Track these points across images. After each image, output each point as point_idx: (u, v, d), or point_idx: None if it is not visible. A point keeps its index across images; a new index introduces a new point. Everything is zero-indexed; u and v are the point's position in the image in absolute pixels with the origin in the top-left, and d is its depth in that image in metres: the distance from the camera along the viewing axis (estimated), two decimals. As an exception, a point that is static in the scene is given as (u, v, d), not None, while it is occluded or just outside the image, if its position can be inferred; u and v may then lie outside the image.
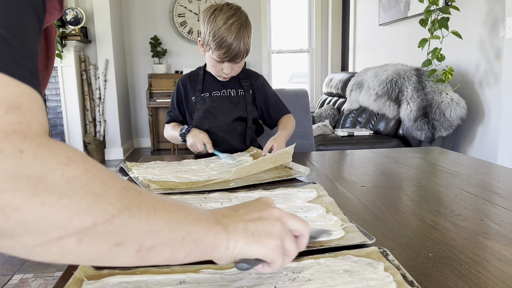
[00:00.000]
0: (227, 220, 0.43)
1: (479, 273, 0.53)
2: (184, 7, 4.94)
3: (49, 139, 0.32)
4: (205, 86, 1.41)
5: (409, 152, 1.35)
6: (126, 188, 0.35)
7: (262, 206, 0.47)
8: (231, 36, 1.21)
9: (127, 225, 0.34)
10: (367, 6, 4.18)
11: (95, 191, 0.32)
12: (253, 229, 0.43)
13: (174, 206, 0.39)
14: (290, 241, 0.45)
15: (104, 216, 0.32)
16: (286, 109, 1.47)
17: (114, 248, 0.34)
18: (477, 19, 2.53)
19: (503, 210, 0.76)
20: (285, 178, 1.00)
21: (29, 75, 0.32)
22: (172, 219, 0.37)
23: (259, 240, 0.43)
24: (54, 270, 1.98)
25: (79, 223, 0.31)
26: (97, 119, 4.35)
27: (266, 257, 0.44)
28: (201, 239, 0.39)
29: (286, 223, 0.46)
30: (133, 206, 0.34)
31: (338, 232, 0.63)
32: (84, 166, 0.32)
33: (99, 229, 0.32)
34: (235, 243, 0.42)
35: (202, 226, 0.40)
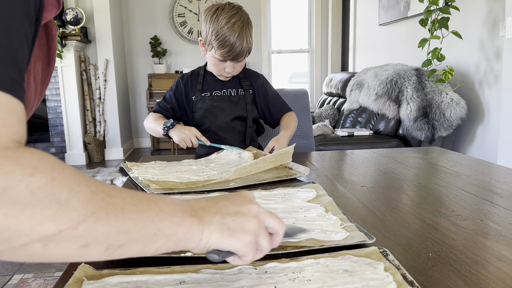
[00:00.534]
0: (204, 212, 0.44)
1: (479, 273, 0.53)
2: (184, 7, 4.94)
3: (16, 150, 0.33)
4: (205, 86, 1.41)
5: (409, 152, 1.35)
6: (95, 192, 0.35)
7: (242, 201, 0.47)
8: (234, 35, 1.22)
9: (94, 229, 0.35)
10: (367, 6, 4.18)
11: (60, 199, 0.33)
12: (229, 223, 0.44)
13: (146, 204, 0.39)
14: (264, 238, 0.46)
15: (69, 223, 0.33)
16: (287, 107, 1.46)
17: (81, 249, 0.35)
18: (477, 19, 2.53)
19: (503, 210, 0.76)
20: (285, 178, 1.00)
21: (10, 83, 0.34)
22: (142, 217, 0.38)
23: (233, 234, 0.44)
24: (54, 270, 1.98)
25: (43, 231, 0.32)
26: (97, 119, 4.35)
27: (238, 251, 0.45)
28: (174, 233, 0.40)
29: (263, 220, 0.47)
30: (100, 210, 0.35)
31: (341, 234, 0.63)
32: (50, 175, 0.33)
33: (64, 235, 0.33)
34: (209, 235, 0.43)
35: (175, 221, 0.41)
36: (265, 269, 0.52)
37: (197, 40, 5.00)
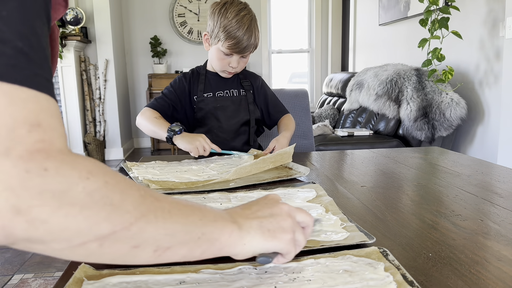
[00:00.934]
0: (242, 219, 0.47)
1: (479, 273, 0.53)
2: (184, 7, 4.94)
3: (70, 154, 0.35)
4: (207, 86, 1.39)
5: (409, 152, 1.35)
6: (144, 196, 0.38)
7: (272, 203, 0.51)
8: (243, 27, 1.22)
9: (144, 231, 0.37)
10: (367, 6, 4.18)
11: (113, 201, 0.35)
12: (267, 225, 0.47)
13: (190, 209, 0.42)
14: (299, 233, 0.50)
15: (122, 224, 0.35)
16: (285, 109, 1.47)
17: (133, 249, 0.37)
18: (477, 19, 2.53)
19: (503, 210, 0.76)
20: (285, 178, 1.00)
21: (45, 83, 0.34)
22: (187, 221, 0.40)
23: (275, 235, 0.47)
24: (54, 270, 1.98)
25: (99, 231, 0.34)
26: (97, 119, 4.35)
27: (282, 250, 0.48)
28: (217, 238, 0.43)
29: (295, 217, 0.50)
30: (150, 213, 0.37)
31: (342, 234, 0.63)
32: (103, 179, 0.35)
33: (118, 235, 0.36)
34: (251, 239, 0.45)
35: (217, 226, 0.43)
36: (265, 269, 0.52)
37: (197, 40, 5.00)
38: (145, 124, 1.30)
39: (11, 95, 0.31)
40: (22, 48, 0.32)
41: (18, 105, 0.31)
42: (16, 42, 0.32)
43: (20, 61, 0.32)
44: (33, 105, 0.32)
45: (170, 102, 1.36)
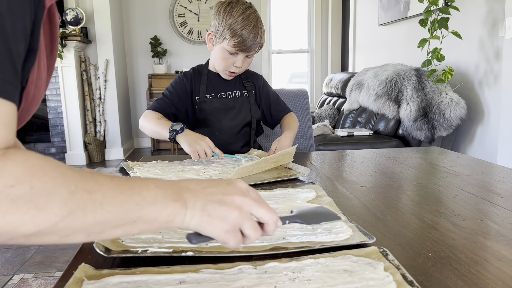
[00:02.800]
0: (190, 196, 0.46)
1: (479, 273, 0.53)
2: (184, 7, 4.94)
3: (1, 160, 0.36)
4: (209, 87, 1.37)
5: (409, 152, 1.35)
6: (73, 192, 0.39)
7: (229, 190, 0.48)
8: (250, 26, 1.21)
9: (72, 225, 0.39)
10: (367, 6, 4.18)
11: (38, 204, 0.37)
12: (210, 210, 0.46)
13: (128, 194, 0.43)
14: (248, 227, 0.47)
15: (48, 223, 0.38)
16: (287, 108, 1.45)
17: (63, 238, 0.40)
18: (477, 19, 2.53)
19: (503, 210, 0.76)
20: (285, 179, 1.00)
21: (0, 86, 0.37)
22: (122, 209, 0.42)
23: (211, 222, 0.46)
24: (54, 270, 1.98)
25: (24, 231, 0.37)
26: (97, 119, 4.35)
27: (216, 238, 0.47)
28: (154, 219, 0.44)
29: (248, 211, 0.48)
30: (78, 209, 0.39)
31: (342, 234, 0.63)
32: (29, 184, 0.37)
33: (44, 232, 0.38)
34: (190, 218, 0.46)
35: (155, 208, 0.44)
36: (265, 269, 0.52)
37: (197, 40, 5.00)
38: (147, 126, 1.28)
39: None
40: None
41: None
42: None
43: None
44: None
45: (171, 103, 1.34)
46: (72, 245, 2.27)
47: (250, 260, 0.56)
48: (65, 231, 0.39)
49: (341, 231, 0.64)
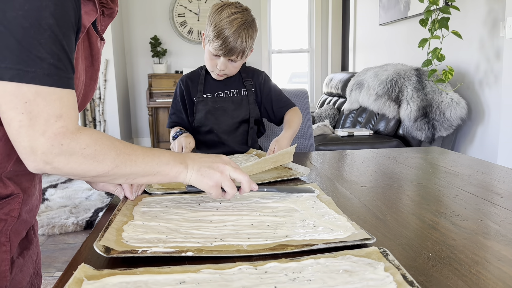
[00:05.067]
0: (190, 161, 0.71)
1: (479, 273, 0.53)
2: (184, 7, 4.94)
3: (78, 133, 0.59)
4: (207, 86, 1.38)
5: (409, 152, 1.35)
6: (119, 154, 0.63)
7: (217, 161, 0.73)
8: (230, 30, 1.20)
9: (118, 173, 0.64)
10: (367, 6, 4.18)
11: (98, 159, 0.61)
12: (202, 171, 0.71)
13: (151, 157, 0.67)
14: (226, 185, 0.71)
15: (103, 171, 0.62)
16: (290, 102, 1.42)
17: (112, 180, 0.66)
18: (477, 19, 2.53)
19: (503, 210, 0.76)
20: (285, 178, 1.00)
21: (67, 81, 0.58)
22: (147, 165, 0.66)
23: (202, 179, 0.71)
24: (54, 270, 1.98)
25: (91, 174, 0.62)
26: (97, 119, 4.35)
27: (204, 190, 0.72)
28: (167, 173, 0.69)
29: (227, 174, 0.72)
30: (121, 164, 0.63)
31: (345, 232, 0.63)
32: (94, 148, 0.60)
33: (102, 175, 0.63)
34: (190, 175, 0.70)
35: (168, 167, 0.69)
36: (265, 269, 0.52)
37: (197, 40, 5.00)
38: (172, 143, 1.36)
39: (47, 97, 0.55)
40: (53, 62, 0.55)
41: (50, 104, 0.56)
42: (49, 59, 0.55)
43: (52, 71, 0.55)
44: (59, 103, 0.57)
45: (179, 114, 1.42)
46: (72, 245, 2.27)
47: (250, 260, 0.56)
48: (113, 176, 0.64)
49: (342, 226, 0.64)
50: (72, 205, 2.80)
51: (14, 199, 0.64)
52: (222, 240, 0.61)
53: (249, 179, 0.73)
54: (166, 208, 0.77)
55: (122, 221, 0.69)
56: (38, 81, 0.54)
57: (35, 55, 0.53)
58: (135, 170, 0.65)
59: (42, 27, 0.53)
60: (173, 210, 0.75)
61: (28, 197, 0.68)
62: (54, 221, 2.50)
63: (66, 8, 0.56)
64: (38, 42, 0.53)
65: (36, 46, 0.53)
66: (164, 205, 0.79)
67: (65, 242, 2.31)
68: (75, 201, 2.89)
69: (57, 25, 0.55)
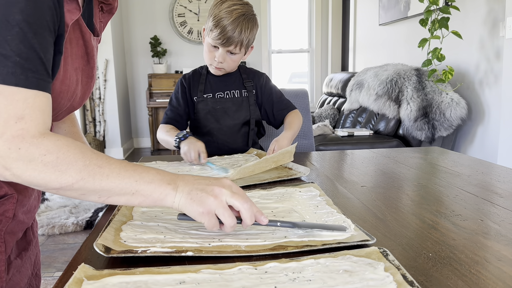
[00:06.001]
0: (182, 183, 0.60)
1: (479, 273, 0.53)
2: (184, 7, 4.94)
3: (39, 137, 0.53)
4: (207, 86, 1.37)
5: (409, 152, 1.35)
6: (87, 165, 0.55)
7: (214, 183, 0.60)
8: (229, 19, 1.21)
9: (85, 187, 0.55)
10: (367, 6, 4.18)
11: (61, 169, 0.54)
12: (193, 195, 0.58)
13: (130, 173, 0.57)
14: (221, 213, 0.58)
15: (66, 183, 0.54)
16: (291, 105, 1.42)
17: (81, 196, 0.57)
18: (477, 19, 2.53)
19: (503, 210, 0.76)
20: (285, 178, 1.00)
21: (37, 82, 0.53)
22: (123, 182, 0.56)
23: (192, 204, 0.58)
24: (54, 270, 1.98)
25: (52, 186, 0.55)
26: (97, 119, 4.35)
27: (195, 218, 0.59)
28: (150, 194, 0.58)
29: (224, 200, 0.59)
30: (89, 177, 0.55)
31: (345, 232, 0.63)
32: (56, 155, 0.54)
33: (66, 189, 0.55)
34: (178, 199, 0.59)
35: (150, 186, 0.58)
36: (265, 269, 0.52)
37: (197, 40, 5.00)
38: (161, 139, 1.33)
39: (9, 97, 0.51)
40: (19, 61, 0.51)
41: (12, 105, 0.52)
42: (15, 58, 0.51)
43: (17, 70, 0.51)
44: (22, 103, 0.52)
45: (177, 111, 1.37)
46: (72, 245, 2.27)
47: (250, 260, 0.56)
48: (81, 191, 0.55)
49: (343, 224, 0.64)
50: (72, 205, 2.80)
51: (8, 200, 0.63)
52: (220, 240, 0.61)
53: (251, 208, 0.59)
54: (166, 208, 0.77)
55: (121, 221, 0.68)
56: (0, 80, 0.51)
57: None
58: (107, 185, 0.55)
59: (9, 23, 0.51)
60: (172, 210, 0.75)
61: (25, 197, 0.67)
62: (54, 221, 2.50)
63: (39, 5, 0.53)
64: (4, 38, 0.50)
65: (1, 43, 0.50)
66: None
67: (65, 242, 2.31)
68: (75, 201, 2.89)
69: (27, 22, 0.51)
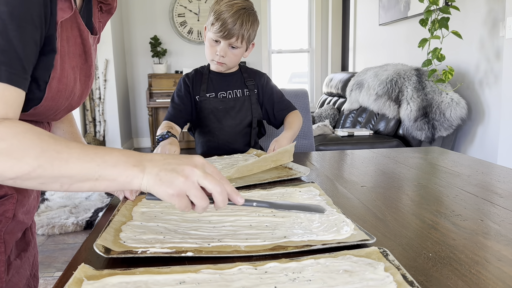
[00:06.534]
0: (149, 164, 0.55)
1: (479, 273, 0.53)
2: (184, 7, 4.94)
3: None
4: (210, 86, 1.37)
5: (409, 152, 1.35)
6: (45, 151, 0.51)
7: (185, 162, 0.55)
8: (230, 12, 1.22)
9: (43, 175, 0.51)
10: (367, 6, 4.18)
11: (16, 157, 0.50)
12: (161, 176, 0.54)
13: (91, 157, 0.53)
14: (193, 195, 0.54)
15: (23, 171, 0.51)
16: (291, 105, 1.43)
17: (42, 185, 0.53)
18: (477, 19, 2.53)
19: (503, 210, 0.76)
20: (285, 178, 1.00)
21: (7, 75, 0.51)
22: (84, 167, 0.52)
23: (161, 185, 0.53)
24: (54, 270, 1.98)
25: (8, 175, 0.51)
26: (97, 119, 4.35)
27: (165, 200, 0.54)
28: (115, 178, 0.53)
29: (195, 180, 0.54)
30: (47, 163, 0.51)
31: (345, 232, 0.63)
32: (11, 142, 0.50)
33: (24, 178, 0.51)
34: (146, 181, 0.54)
35: (115, 170, 0.53)
36: (265, 269, 0.52)
37: (197, 40, 5.00)
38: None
39: None
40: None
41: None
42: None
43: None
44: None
45: (179, 108, 1.36)
46: (72, 245, 2.26)
47: (250, 260, 0.56)
48: (40, 179, 0.52)
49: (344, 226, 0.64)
50: (72, 205, 2.80)
51: (8, 200, 0.63)
52: (219, 240, 0.61)
53: (224, 190, 0.55)
54: (165, 208, 0.77)
55: (121, 221, 0.68)
56: None
57: None
58: (67, 172, 0.52)
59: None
60: (172, 211, 0.75)
61: (24, 198, 0.67)
62: (54, 221, 2.50)
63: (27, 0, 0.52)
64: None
65: None
66: (163, 205, 0.79)
67: (65, 242, 2.31)
68: (75, 201, 2.89)
69: (10, 14, 0.50)
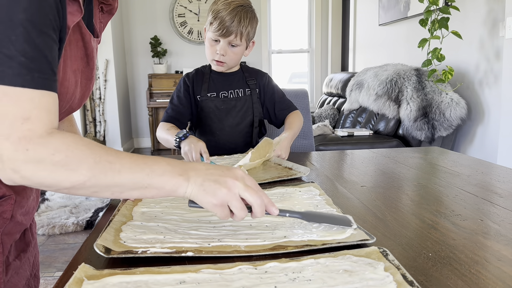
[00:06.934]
0: (193, 173, 0.59)
1: (479, 273, 0.53)
2: (184, 7, 4.94)
3: (47, 137, 0.52)
4: (211, 85, 1.37)
5: (409, 152, 1.35)
6: (98, 162, 0.54)
7: (227, 174, 0.59)
8: (227, 10, 1.23)
9: (97, 184, 0.54)
10: (367, 6, 4.18)
11: (71, 168, 0.53)
12: (205, 186, 0.58)
13: (141, 167, 0.56)
14: (234, 206, 0.58)
15: (78, 181, 0.53)
16: (292, 105, 1.42)
17: (94, 193, 0.56)
18: (477, 19, 2.53)
19: (503, 210, 0.76)
20: (285, 178, 1.00)
21: (42, 82, 0.52)
22: (135, 177, 0.56)
23: (205, 195, 0.58)
24: (54, 270, 1.98)
25: (64, 185, 0.54)
26: (97, 119, 4.35)
27: (208, 209, 0.59)
28: (163, 186, 0.57)
29: (237, 192, 0.58)
30: (100, 174, 0.54)
31: (347, 232, 0.63)
32: (65, 154, 0.52)
33: (78, 187, 0.54)
34: (190, 190, 0.58)
35: (162, 179, 0.57)
36: (265, 269, 0.52)
37: (197, 40, 5.00)
38: (160, 137, 1.31)
39: (15, 98, 0.50)
40: (24, 61, 0.50)
41: (18, 106, 0.51)
42: (20, 58, 0.50)
43: (22, 71, 0.50)
44: (28, 104, 0.51)
45: (178, 109, 1.35)
46: (72, 245, 2.27)
47: (250, 260, 0.56)
48: (93, 188, 0.55)
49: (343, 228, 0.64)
50: (72, 205, 2.80)
51: (6, 201, 0.63)
52: (219, 240, 0.61)
53: (263, 202, 0.59)
54: (166, 208, 0.77)
55: (121, 221, 0.68)
56: (6, 81, 0.50)
57: (3, 53, 0.49)
58: (119, 181, 0.55)
59: (13, 23, 0.50)
60: (172, 211, 0.75)
61: (23, 199, 0.67)
62: (54, 221, 2.50)
63: (43, 4, 0.52)
64: (8, 39, 0.49)
65: (5, 43, 0.49)
66: (163, 205, 0.79)
67: (65, 242, 2.31)
68: (75, 201, 2.89)
69: (31, 21, 0.51)
